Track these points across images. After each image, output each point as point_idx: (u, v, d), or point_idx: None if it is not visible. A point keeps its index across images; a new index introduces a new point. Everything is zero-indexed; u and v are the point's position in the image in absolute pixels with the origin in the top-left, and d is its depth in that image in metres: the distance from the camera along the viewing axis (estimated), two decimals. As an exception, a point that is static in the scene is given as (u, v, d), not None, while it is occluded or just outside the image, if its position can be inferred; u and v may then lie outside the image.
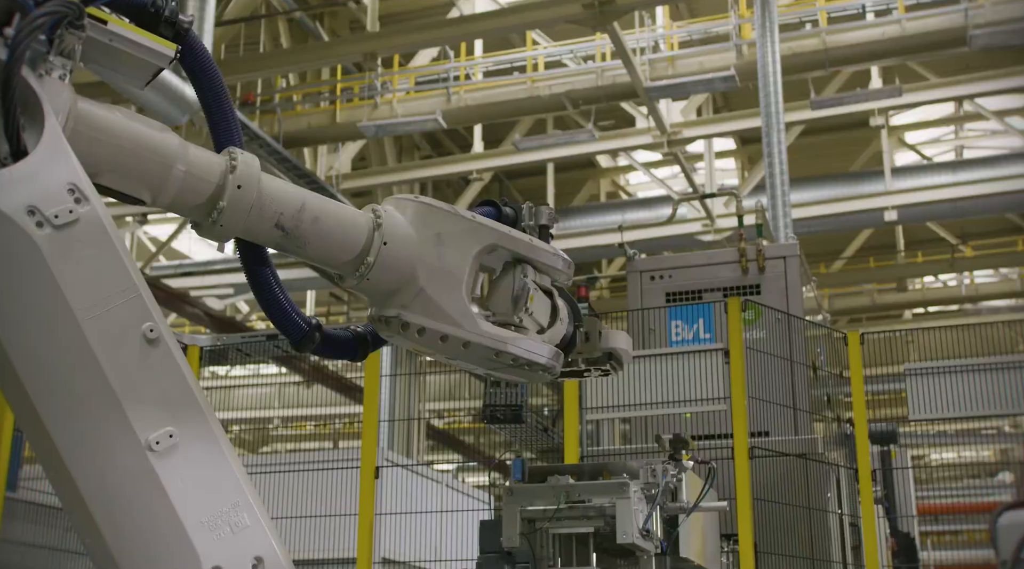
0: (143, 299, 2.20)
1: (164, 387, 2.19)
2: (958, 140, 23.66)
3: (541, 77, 18.20)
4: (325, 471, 8.54)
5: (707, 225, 18.99)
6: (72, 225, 2.13)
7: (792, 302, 8.52)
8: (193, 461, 2.18)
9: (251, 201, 2.51)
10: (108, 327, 2.14)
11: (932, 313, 25.90)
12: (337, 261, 2.72)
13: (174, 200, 2.46)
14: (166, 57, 2.52)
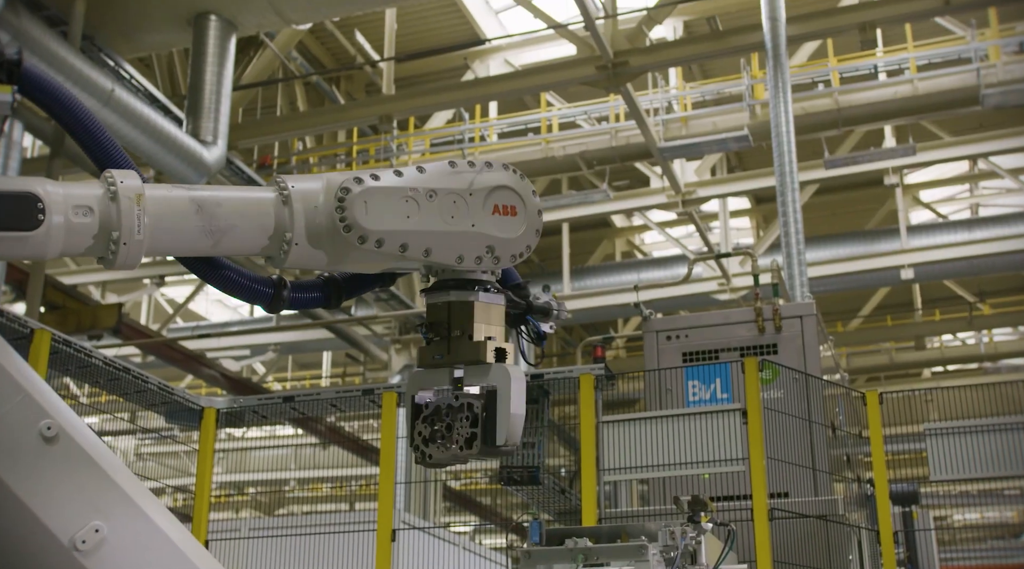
0: (33, 398, 2.09)
1: (78, 481, 2.08)
2: (973, 198, 23.67)
3: (555, 138, 18.34)
4: (341, 534, 8.47)
5: (723, 284, 18.98)
6: None
7: (809, 361, 8.47)
8: (127, 549, 2.08)
9: (140, 231, 2.34)
10: (1, 439, 2.04)
11: (951, 372, 25.74)
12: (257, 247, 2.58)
13: (63, 252, 2.31)
14: (5, 103, 2.39)
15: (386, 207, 2.57)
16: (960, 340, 25.64)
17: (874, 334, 24.16)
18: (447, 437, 2.76)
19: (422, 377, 2.89)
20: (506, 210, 2.78)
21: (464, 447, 2.74)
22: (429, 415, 2.81)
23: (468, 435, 2.74)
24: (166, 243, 2.42)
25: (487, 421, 2.72)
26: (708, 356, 8.77)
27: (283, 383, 27.49)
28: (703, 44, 15.87)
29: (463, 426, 2.75)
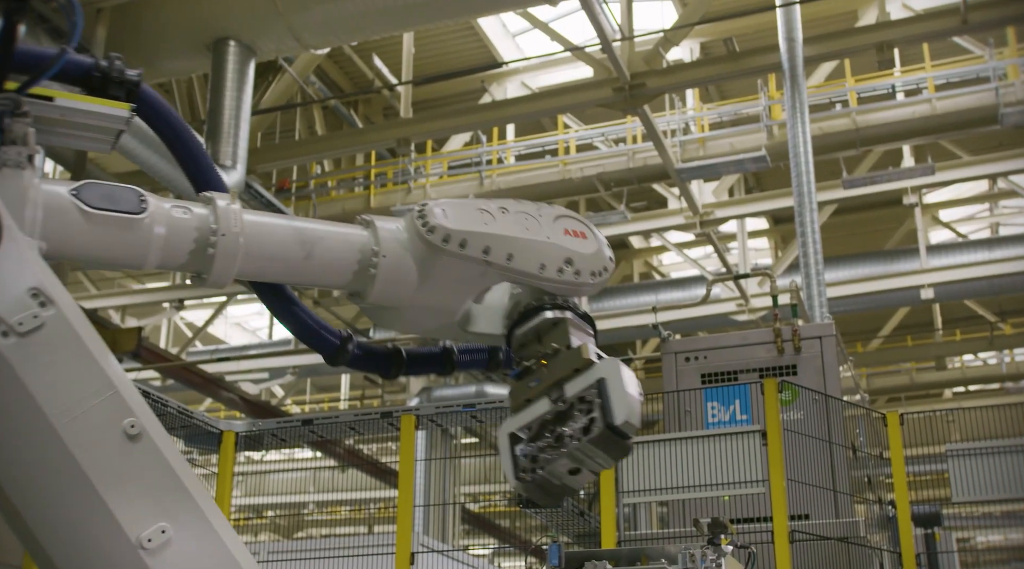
0: (121, 395, 2.15)
1: (151, 482, 2.13)
2: (993, 217, 23.56)
3: (573, 160, 18.36)
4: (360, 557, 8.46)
5: (741, 305, 18.92)
6: (37, 331, 2.09)
7: (829, 382, 8.43)
8: (189, 555, 2.13)
9: (237, 250, 2.46)
10: (86, 429, 2.09)
11: (972, 392, 25.55)
12: (330, 288, 2.73)
13: (161, 264, 2.45)
14: (122, 118, 2.50)
15: (463, 213, 2.66)
16: (981, 360, 25.46)
17: (894, 354, 24.02)
18: (560, 441, 2.55)
19: (520, 418, 2.71)
20: (576, 233, 2.84)
21: (581, 435, 2.51)
22: (533, 435, 2.63)
23: (585, 423, 2.54)
24: (258, 265, 2.53)
25: (603, 403, 2.53)
26: (727, 377, 8.75)
27: (302, 406, 27.53)
28: (720, 65, 15.88)
29: (577, 419, 2.56)
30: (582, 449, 2.51)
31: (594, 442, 2.50)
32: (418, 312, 2.72)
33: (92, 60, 2.54)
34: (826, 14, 17.60)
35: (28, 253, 2.16)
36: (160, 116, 2.63)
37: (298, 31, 13.47)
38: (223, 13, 13.33)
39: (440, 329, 2.80)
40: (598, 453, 2.52)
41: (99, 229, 2.33)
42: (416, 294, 2.67)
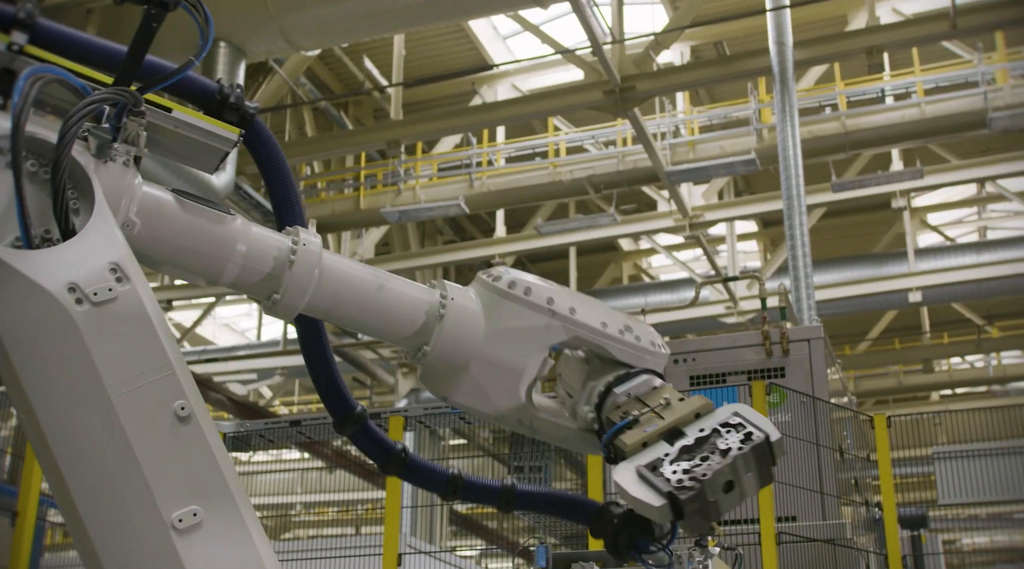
0: (177, 378, 2.22)
1: (192, 465, 2.19)
2: (981, 221, 23.66)
3: (563, 162, 18.39)
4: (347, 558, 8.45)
5: (730, 308, 18.97)
6: (110, 303, 2.18)
7: (817, 385, 8.45)
8: (216, 542, 2.16)
9: (311, 282, 2.54)
10: (139, 403, 2.17)
11: (959, 395, 25.65)
12: (395, 339, 2.73)
13: (235, 281, 2.53)
14: (230, 141, 2.62)
15: (525, 274, 2.79)
16: (968, 363, 25.56)
17: (882, 357, 24.10)
18: (716, 453, 2.43)
19: (645, 456, 2.57)
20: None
21: (742, 444, 2.40)
22: (674, 459, 2.48)
23: (742, 435, 2.43)
24: (328, 302, 2.62)
25: (752, 425, 2.48)
26: (715, 380, 8.76)
27: (290, 407, 27.49)
28: (710, 69, 15.92)
29: (728, 437, 2.46)
30: (744, 458, 2.41)
31: (755, 451, 2.42)
32: (481, 371, 2.70)
33: (217, 83, 2.65)
34: (816, 18, 17.66)
35: (114, 230, 2.25)
36: (267, 148, 2.74)
37: (288, 32, 13.47)
38: (213, 14, 13.21)
39: (504, 408, 2.75)
40: (752, 466, 2.43)
41: (191, 219, 2.45)
42: (481, 344, 2.69)
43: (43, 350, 2.13)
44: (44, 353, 2.13)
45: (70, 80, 2.32)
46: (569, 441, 2.85)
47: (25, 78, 2.21)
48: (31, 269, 2.12)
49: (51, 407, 2.14)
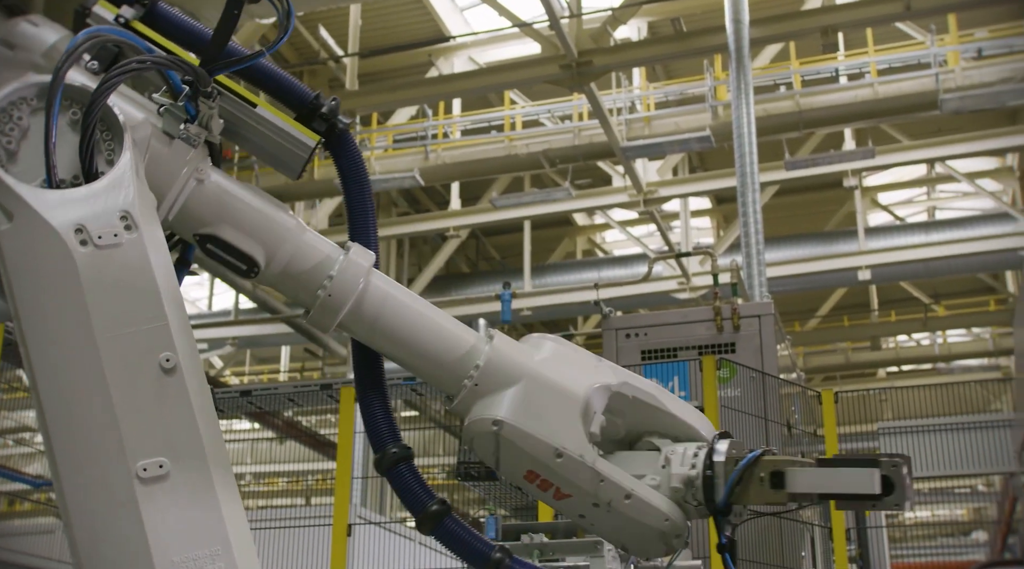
0: (169, 330, 2.24)
1: (168, 418, 2.19)
2: (930, 201, 23.96)
3: (519, 136, 18.36)
4: (297, 528, 8.45)
5: (682, 283, 19.09)
6: (113, 249, 2.22)
7: (767, 360, 8.55)
8: (179, 497, 2.15)
9: (349, 298, 2.53)
10: (124, 349, 2.19)
11: (905, 372, 26.05)
12: (442, 362, 2.63)
13: (283, 271, 2.53)
14: (307, 147, 2.61)
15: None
16: (915, 341, 25.95)
17: (831, 334, 24.39)
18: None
19: None
20: None
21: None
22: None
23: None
24: (368, 324, 2.59)
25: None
26: (667, 354, 8.83)
27: (241, 377, 27.33)
28: (667, 45, 15.95)
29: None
30: None
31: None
32: (534, 387, 2.58)
33: (316, 93, 2.68)
34: (773, -4, 17.74)
35: (131, 180, 2.30)
36: (351, 164, 2.73)
37: None
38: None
39: (565, 439, 2.56)
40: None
41: (249, 202, 2.51)
42: (535, 364, 2.60)
43: (42, 285, 2.19)
44: (42, 288, 2.19)
45: (130, 40, 2.38)
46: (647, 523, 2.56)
47: (84, 34, 2.29)
48: (43, 207, 2.19)
49: (41, 342, 2.18)
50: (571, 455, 2.49)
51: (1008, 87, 15.62)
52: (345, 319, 2.54)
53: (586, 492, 2.51)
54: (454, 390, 2.59)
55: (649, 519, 2.53)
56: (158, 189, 2.41)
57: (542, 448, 2.50)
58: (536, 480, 2.53)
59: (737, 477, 2.50)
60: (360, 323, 2.57)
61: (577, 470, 2.50)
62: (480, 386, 2.55)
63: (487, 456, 2.55)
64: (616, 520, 2.53)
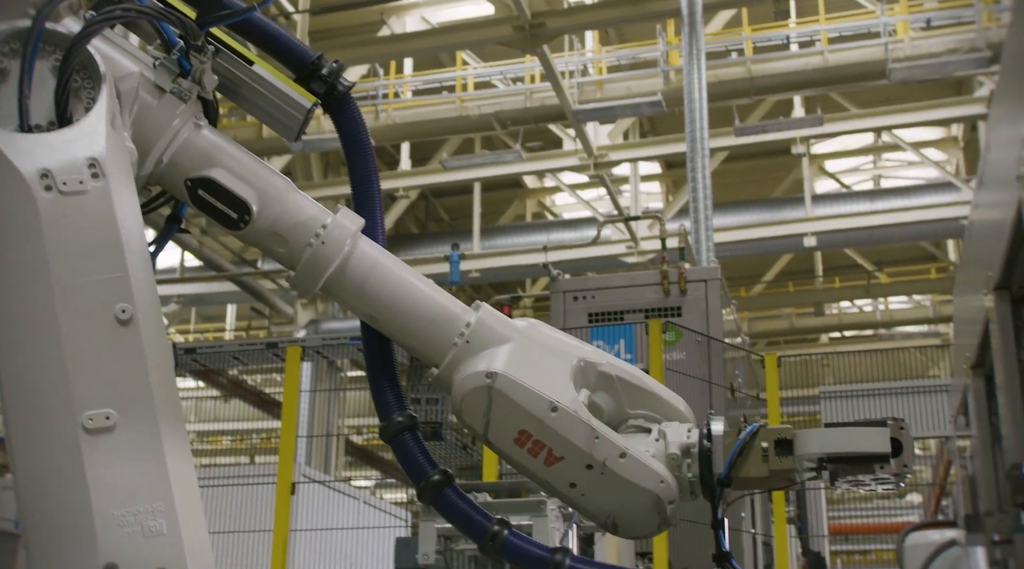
0: (128, 281, 2.21)
1: (119, 370, 2.17)
2: (876, 170, 24.22)
3: (470, 97, 18.26)
4: (241, 486, 8.43)
5: (631, 247, 19.16)
6: (77, 196, 2.20)
7: (712, 324, 8.62)
8: (124, 451, 2.13)
9: (332, 262, 2.50)
10: (80, 298, 2.17)
11: (848, 338, 26.42)
12: (433, 325, 2.59)
13: (271, 227, 2.50)
14: (303, 107, 2.58)
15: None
16: (857, 307, 26.30)
17: (776, 299, 24.65)
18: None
19: None
20: None
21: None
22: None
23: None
24: (349, 289, 2.56)
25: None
26: (614, 317, 8.88)
27: (186, 336, 27.10)
28: (620, 8, 15.89)
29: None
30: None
31: None
32: (526, 345, 2.58)
33: (318, 55, 2.65)
34: (726, -39, 17.73)
35: (103, 128, 2.27)
36: (352, 128, 2.69)
37: (191, -51, 13.05)
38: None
39: (558, 395, 2.52)
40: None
41: (243, 152, 2.50)
42: (523, 327, 2.62)
43: (3, 228, 2.17)
44: (3, 231, 2.17)
45: None
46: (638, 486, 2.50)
47: None
48: (11, 150, 2.17)
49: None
50: (566, 409, 2.45)
51: (955, 58, 15.78)
52: (330, 281, 2.52)
53: (580, 451, 2.45)
54: (441, 353, 2.55)
55: (645, 480, 2.47)
56: (145, 141, 2.41)
57: (536, 402, 2.45)
58: (528, 442, 2.47)
59: (740, 448, 2.49)
60: (345, 286, 2.54)
61: (572, 425, 2.45)
62: (472, 343, 2.53)
63: (477, 417, 2.49)
64: (609, 485, 2.47)
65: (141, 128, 2.41)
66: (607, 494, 2.50)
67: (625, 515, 2.53)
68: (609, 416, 2.61)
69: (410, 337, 2.61)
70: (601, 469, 2.46)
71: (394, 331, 2.63)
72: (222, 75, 2.52)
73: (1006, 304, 2.80)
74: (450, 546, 5.32)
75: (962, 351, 3.74)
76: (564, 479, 2.50)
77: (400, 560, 5.54)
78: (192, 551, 2.14)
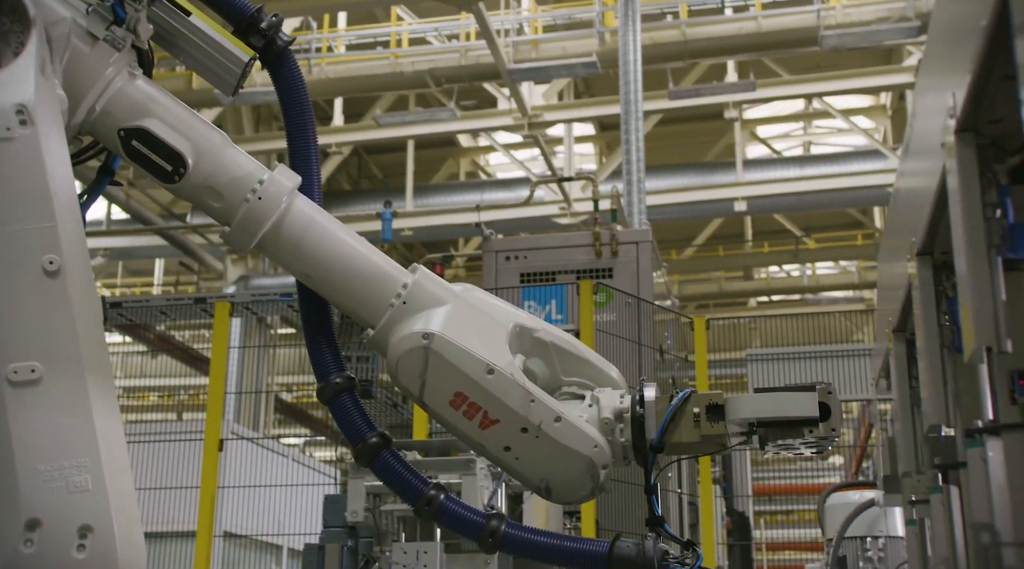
0: (56, 232, 2.15)
1: (46, 322, 2.13)
2: (806, 136, 24.49)
3: (404, 53, 18.08)
4: (168, 443, 8.36)
5: (564, 208, 19.20)
6: (5, 142, 2.15)
7: (643, 286, 8.69)
8: (50, 404, 2.10)
9: (267, 218, 2.47)
10: (4, 248, 2.12)
11: (775, 302, 26.80)
12: (370, 286, 2.60)
13: (204, 180, 2.47)
14: (240, 61, 2.56)
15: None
16: (785, 272, 26.67)
17: (706, 263, 24.88)
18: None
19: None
20: None
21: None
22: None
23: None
24: (285, 246, 2.54)
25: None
26: (545, 277, 8.91)
27: (112, 290, 26.66)
28: (556, -33, 15.83)
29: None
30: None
31: None
32: (462, 309, 2.58)
33: (257, 8, 2.60)
34: (663, -77, 17.70)
35: (31, 74, 2.21)
36: (289, 83, 2.67)
37: None
38: None
39: (493, 358, 2.52)
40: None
41: (179, 104, 2.47)
42: (459, 292, 2.63)
43: None
44: None
45: None
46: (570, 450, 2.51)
47: None
48: None
49: None
50: (502, 372, 2.46)
51: (885, 27, 15.97)
52: (265, 238, 2.50)
53: (515, 414, 2.46)
54: (377, 314, 2.55)
55: (579, 444, 2.48)
56: (77, 89, 2.36)
57: (473, 363, 2.45)
58: (463, 404, 2.47)
59: (672, 413, 2.51)
60: (281, 244, 2.52)
61: (508, 388, 2.46)
62: (409, 304, 2.52)
63: (412, 379, 2.48)
64: (544, 448, 2.48)
65: (73, 76, 2.35)
66: (541, 458, 2.51)
67: (558, 479, 2.54)
68: (543, 382, 2.63)
69: (345, 297, 2.60)
70: (536, 432, 2.47)
71: (329, 291, 2.61)
72: (158, 24, 2.48)
73: (928, 269, 2.87)
74: (379, 504, 5.33)
75: (885, 316, 3.82)
76: (499, 442, 2.50)
77: (328, 517, 5.53)
78: (118, 507, 2.12)
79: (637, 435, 2.53)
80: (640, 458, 2.56)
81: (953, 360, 2.97)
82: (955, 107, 2.07)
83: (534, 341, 2.62)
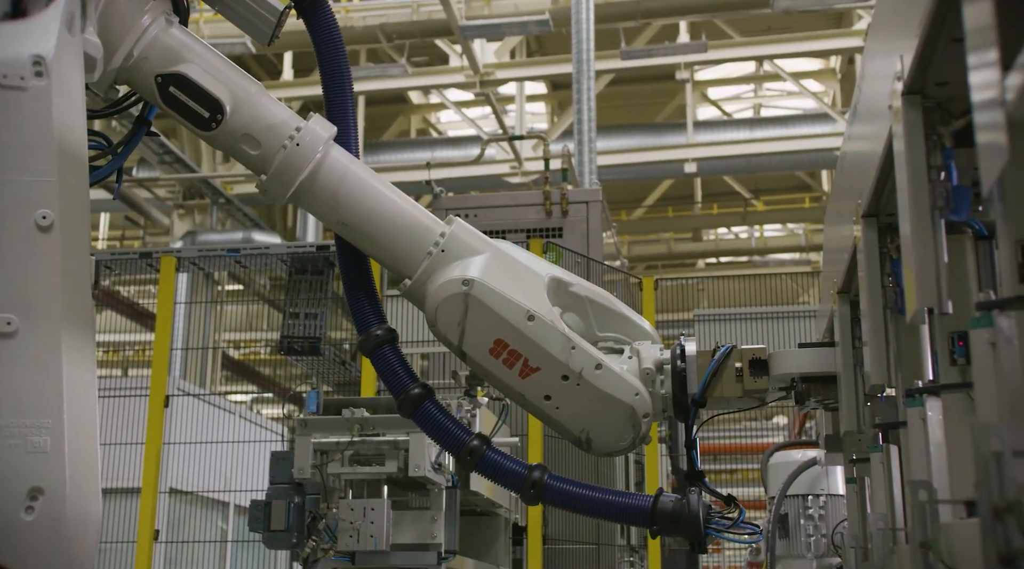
0: (54, 187, 2.12)
1: (30, 277, 2.10)
2: (757, 99, 24.59)
3: (355, 8, 17.88)
4: (113, 398, 8.28)
5: (515, 167, 19.17)
6: (15, 91, 2.12)
7: (592, 246, 8.72)
8: (21, 359, 2.08)
9: (303, 167, 2.48)
10: (2, 194, 2.11)
11: (723, 263, 27.02)
12: (408, 235, 2.64)
13: (244, 126, 2.48)
14: (275, 10, 2.62)
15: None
16: (734, 234, 26.86)
17: (655, 224, 25.00)
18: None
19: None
20: None
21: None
22: None
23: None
24: (321, 196, 2.54)
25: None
26: (495, 236, 8.87)
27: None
28: (510, -78, 15.69)
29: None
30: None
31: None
32: (500, 257, 2.63)
33: None
34: None
35: (55, 27, 2.18)
36: (325, 31, 2.69)
37: None
38: None
39: (533, 305, 2.57)
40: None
41: (216, 53, 2.51)
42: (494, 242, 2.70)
43: None
44: None
45: None
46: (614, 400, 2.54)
47: None
48: None
49: None
50: (543, 319, 2.46)
51: (837, -10, 16.04)
52: (302, 187, 2.48)
53: (556, 361, 2.44)
54: (414, 264, 2.56)
55: (620, 392, 2.48)
56: (113, 35, 2.36)
57: (513, 310, 2.45)
58: (503, 352, 2.46)
59: (715, 367, 2.51)
60: (317, 193, 2.52)
61: (548, 335, 2.45)
62: (447, 253, 2.56)
63: (451, 326, 2.48)
64: (585, 396, 2.47)
65: (109, 23, 2.34)
66: (582, 406, 2.50)
67: (599, 428, 2.53)
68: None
69: (382, 247, 2.60)
70: (577, 379, 2.47)
71: (365, 241, 2.61)
72: None
73: (873, 231, 2.90)
74: (325, 461, 5.33)
75: (830, 278, 3.87)
76: (539, 391, 2.50)
77: (275, 474, 5.52)
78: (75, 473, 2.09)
79: (678, 389, 2.54)
80: (680, 412, 2.57)
81: (896, 321, 3.01)
82: (903, 70, 2.08)
83: (569, 295, 2.62)
